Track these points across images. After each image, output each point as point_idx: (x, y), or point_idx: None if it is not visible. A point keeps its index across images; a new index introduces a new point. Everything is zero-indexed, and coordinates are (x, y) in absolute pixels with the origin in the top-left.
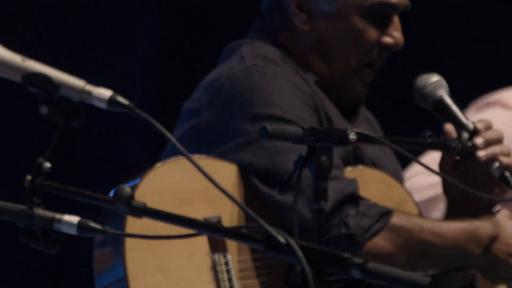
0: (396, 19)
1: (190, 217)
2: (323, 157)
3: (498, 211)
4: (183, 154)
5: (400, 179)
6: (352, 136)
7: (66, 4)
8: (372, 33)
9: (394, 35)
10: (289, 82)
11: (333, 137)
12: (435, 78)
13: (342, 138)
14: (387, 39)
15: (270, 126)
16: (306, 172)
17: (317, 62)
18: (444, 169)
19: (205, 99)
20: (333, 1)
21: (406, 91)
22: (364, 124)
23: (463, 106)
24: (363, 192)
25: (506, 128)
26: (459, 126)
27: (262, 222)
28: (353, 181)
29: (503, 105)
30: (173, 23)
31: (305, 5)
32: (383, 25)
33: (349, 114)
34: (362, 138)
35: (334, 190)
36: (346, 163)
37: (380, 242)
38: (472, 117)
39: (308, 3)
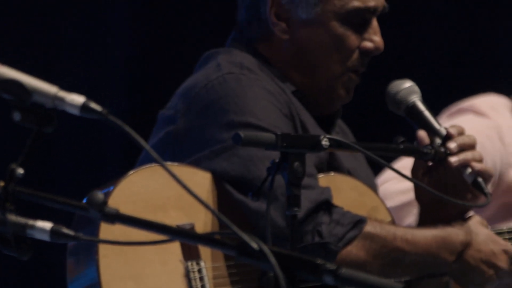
0: (375, 24)
1: (163, 224)
2: (296, 163)
3: (470, 217)
4: (157, 161)
5: (374, 190)
6: (324, 142)
7: (39, 9)
8: (352, 38)
9: (374, 39)
10: (265, 90)
11: (306, 143)
12: (407, 84)
13: (315, 144)
14: (368, 44)
15: (242, 133)
16: (280, 181)
17: (298, 72)
18: (416, 175)
19: (181, 106)
20: (311, 9)
21: (379, 97)
22: (340, 135)
23: (435, 112)
24: (336, 199)
25: (479, 134)
26: (432, 131)
27: (235, 228)
28: (327, 190)
29: (476, 112)
30: (148, 29)
31: (283, 14)
32: (362, 30)
33: (326, 125)
34: (335, 144)
35: (308, 199)
36: (320, 172)
37: (354, 250)
38: (445, 123)
39: (287, 12)
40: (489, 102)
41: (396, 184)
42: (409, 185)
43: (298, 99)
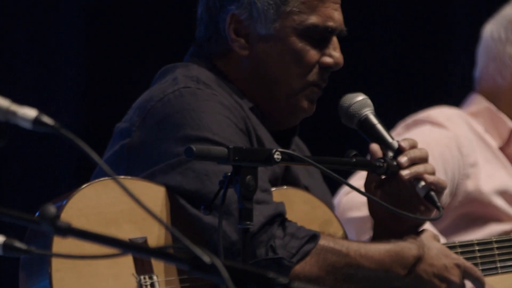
0: (334, 39)
1: (116, 237)
2: (248, 177)
3: (423, 231)
4: (109, 175)
5: (330, 207)
6: (277, 155)
7: None
8: (311, 53)
9: (334, 55)
10: (221, 104)
11: (258, 156)
12: (360, 97)
13: (267, 158)
14: (327, 59)
15: (194, 146)
16: (235, 196)
17: (257, 88)
18: (369, 189)
19: (136, 119)
20: (270, 24)
21: (332, 111)
22: (296, 151)
23: (388, 125)
24: (289, 212)
25: (439, 144)
26: (385, 145)
27: (187, 241)
28: (281, 205)
29: (433, 122)
30: (103, 42)
31: (243, 30)
32: (322, 45)
33: (282, 142)
34: (287, 157)
35: (262, 214)
36: (274, 187)
37: (307, 265)
38: (402, 135)
39: (246, 28)
40: (445, 113)
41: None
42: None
43: (255, 115)
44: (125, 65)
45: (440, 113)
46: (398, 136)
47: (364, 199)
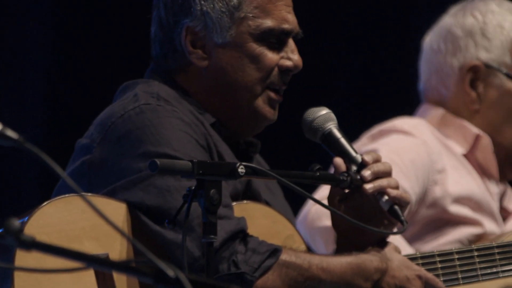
0: (291, 42)
1: (79, 251)
2: (212, 191)
3: (384, 243)
4: (75, 190)
5: (290, 221)
6: (241, 169)
7: None
8: (269, 56)
9: (292, 57)
10: (182, 121)
11: (222, 170)
12: (323, 111)
13: (231, 172)
14: (286, 62)
15: (159, 160)
16: (197, 212)
17: (219, 99)
18: (333, 202)
19: (97, 135)
20: (226, 32)
21: (296, 124)
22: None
23: (352, 138)
24: (250, 227)
25: (409, 152)
26: (348, 159)
27: (151, 255)
28: (242, 220)
29: (399, 131)
30: (66, 57)
31: (199, 41)
32: (280, 49)
33: (244, 159)
34: (251, 171)
35: (224, 229)
36: (236, 201)
37: (270, 279)
38: (367, 145)
39: (202, 39)
40: (410, 122)
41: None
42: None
43: (216, 131)
44: (89, 81)
45: (405, 122)
46: (364, 146)
47: None
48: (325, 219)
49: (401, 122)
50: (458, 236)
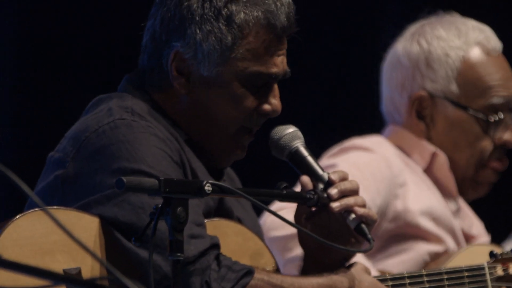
0: (275, 87)
1: (47, 269)
2: (179, 209)
3: (354, 264)
4: (39, 206)
5: (260, 237)
6: (207, 187)
7: None
8: (251, 99)
9: (273, 102)
10: (156, 137)
11: (189, 188)
12: (290, 129)
13: (198, 190)
14: (266, 106)
15: (125, 178)
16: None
17: (193, 126)
18: (299, 220)
19: (70, 150)
20: (213, 67)
21: (263, 143)
22: (227, 182)
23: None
24: (222, 244)
25: (369, 167)
26: (315, 177)
27: (118, 273)
28: (215, 239)
29: (359, 148)
30: (35, 71)
31: (185, 69)
32: (262, 92)
33: (216, 173)
34: (218, 189)
35: (197, 249)
36: (207, 218)
37: None
38: (328, 162)
39: (188, 67)
40: (370, 139)
41: (290, 213)
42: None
43: (190, 147)
44: (56, 94)
45: (365, 140)
46: (324, 164)
47: (289, 218)
48: (279, 229)
49: (361, 140)
50: (417, 252)
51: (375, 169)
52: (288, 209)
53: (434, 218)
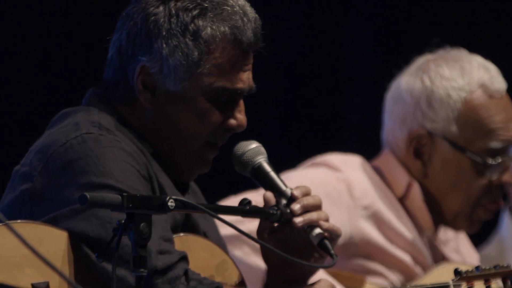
0: (241, 102)
1: (14, 285)
2: (142, 224)
3: (320, 281)
4: (16, 218)
5: (225, 251)
6: (170, 203)
7: None
8: (216, 114)
9: (238, 117)
10: (124, 151)
11: (152, 204)
12: (253, 145)
13: (160, 205)
14: (231, 121)
15: (88, 194)
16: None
17: (158, 140)
18: (262, 236)
19: (38, 163)
20: (179, 82)
21: (226, 158)
22: (191, 196)
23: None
24: (190, 259)
25: (327, 185)
26: (278, 192)
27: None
28: (184, 254)
29: (328, 165)
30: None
31: (151, 83)
32: (227, 107)
33: (182, 186)
34: (181, 205)
35: (166, 263)
36: (174, 233)
37: None
38: (295, 174)
39: (154, 82)
40: (342, 158)
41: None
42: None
43: (156, 161)
44: (20, 107)
45: (337, 157)
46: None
47: (233, 218)
48: (222, 228)
49: (334, 157)
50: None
51: (332, 190)
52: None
53: (401, 244)
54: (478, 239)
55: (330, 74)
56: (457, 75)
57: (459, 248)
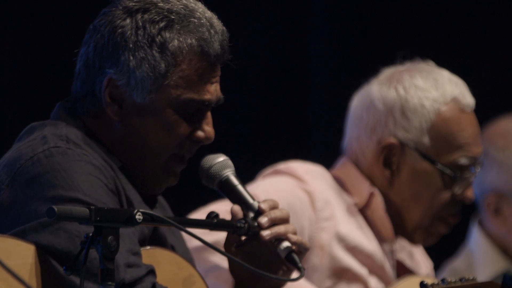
0: (208, 114)
1: None
2: (110, 237)
3: None
4: None
5: (193, 264)
6: (138, 216)
7: None
8: (184, 127)
9: (206, 129)
10: (92, 165)
11: (120, 217)
12: (221, 158)
13: (128, 219)
14: (199, 133)
15: (56, 207)
16: None
17: (126, 152)
18: (229, 249)
19: (5, 177)
20: (146, 94)
21: (194, 171)
22: (159, 210)
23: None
24: (157, 273)
25: (290, 195)
26: (245, 206)
27: None
28: (151, 267)
29: (291, 175)
30: None
31: (118, 96)
32: (195, 119)
33: (150, 200)
34: (149, 218)
35: (133, 278)
36: (142, 247)
37: None
38: (259, 182)
39: (122, 94)
40: (305, 167)
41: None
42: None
43: (124, 174)
44: None
45: (300, 166)
46: (255, 183)
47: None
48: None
49: (297, 165)
50: None
51: (294, 200)
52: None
53: (362, 256)
54: (447, 252)
55: (294, 84)
56: (431, 86)
57: (413, 255)
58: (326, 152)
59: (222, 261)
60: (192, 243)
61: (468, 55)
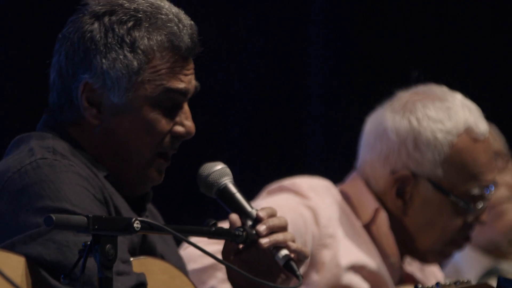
0: (186, 108)
1: None
2: (108, 246)
3: None
4: None
5: (185, 273)
6: (136, 224)
7: None
8: (163, 122)
9: (186, 123)
10: (79, 175)
11: (118, 225)
12: (219, 166)
13: (126, 227)
14: (179, 128)
15: (54, 215)
16: (96, 267)
17: (109, 156)
18: (228, 257)
19: None
20: (123, 93)
21: (192, 180)
22: (149, 217)
23: (254, 193)
24: (149, 282)
25: (292, 212)
26: (244, 214)
27: None
28: (142, 275)
29: (295, 191)
30: None
31: (96, 99)
32: (174, 114)
33: (138, 208)
34: (147, 226)
35: (124, 286)
36: (132, 256)
37: None
38: (263, 200)
39: (99, 97)
40: (310, 183)
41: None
42: (213, 248)
43: (110, 183)
44: None
45: (305, 182)
46: (259, 201)
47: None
48: (192, 263)
49: (302, 181)
50: None
51: (298, 216)
52: (200, 244)
53: (365, 273)
54: None
55: (293, 95)
56: (444, 117)
57: (424, 268)
58: (324, 166)
59: (218, 282)
60: (189, 266)
61: (468, 55)
